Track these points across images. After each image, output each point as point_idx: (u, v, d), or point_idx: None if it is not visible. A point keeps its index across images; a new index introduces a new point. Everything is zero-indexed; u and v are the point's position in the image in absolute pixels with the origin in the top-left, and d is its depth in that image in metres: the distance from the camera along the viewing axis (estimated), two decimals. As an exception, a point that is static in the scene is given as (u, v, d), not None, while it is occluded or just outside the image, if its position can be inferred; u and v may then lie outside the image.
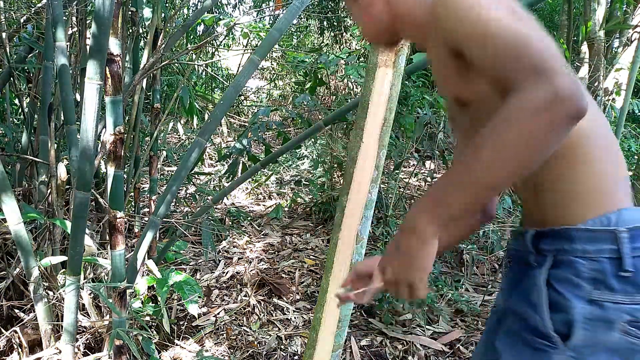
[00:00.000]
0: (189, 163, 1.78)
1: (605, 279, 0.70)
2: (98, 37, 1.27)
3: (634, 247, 0.69)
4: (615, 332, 0.70)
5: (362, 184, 1.18)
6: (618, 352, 0.71)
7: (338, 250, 1.20)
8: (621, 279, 0.69)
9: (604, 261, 0.70)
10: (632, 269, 0.68)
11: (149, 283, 1.81)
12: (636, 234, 0.70)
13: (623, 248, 0.69)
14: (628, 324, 0.69)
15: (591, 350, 0.71)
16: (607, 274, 0.70)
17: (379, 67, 1.17)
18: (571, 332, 0.71)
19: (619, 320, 0.69)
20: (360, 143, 1.17)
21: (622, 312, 0.69)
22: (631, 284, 0.69)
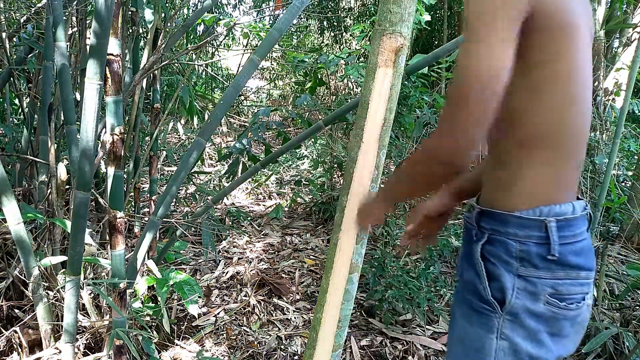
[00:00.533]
0: (189, 163, 1.78)
1: (530, 258, 0.83)
2: (98, 37, 1.27)
3: (560, 235, 0.83)
4: (540, 302, 0.83)
5: (362, 184, 1.18)
6: (543, 319, 0.84)
7: (338, 250, 1.20)
8: (545, 260, 0.83)
9: (531, 245, 0.83)
10: (557, 255, 0.82)
11: (149, 283, 1.81)
12: (562, 224, 0.83)
13: (552, 236, 0.82)
14: (550, 295, 0.83)
15: (522, 316, 0.84)
16: (533, 255, 0.83)
17: (379, 67, 1.17)
18: (505, 299, 0.85)
19: (542, 293, 0.83)
20: (360, 143, 1.17)
21: (546, 285, 0.83)
22: (555, 264, 0.83)
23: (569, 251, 0.83)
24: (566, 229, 0.83)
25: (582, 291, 0.86)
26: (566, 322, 0.86)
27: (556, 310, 0.84)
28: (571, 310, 0.85)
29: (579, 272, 0.84)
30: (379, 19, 1.15)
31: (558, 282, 0.83)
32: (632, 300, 2.52)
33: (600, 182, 3.36)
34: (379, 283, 2.35)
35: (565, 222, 0.83)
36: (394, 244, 2.79)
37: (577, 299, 0.85)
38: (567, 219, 0.83)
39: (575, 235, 0.84)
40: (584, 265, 0.85)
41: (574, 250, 0.84)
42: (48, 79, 1.96)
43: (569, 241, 0.84)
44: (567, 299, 0.84)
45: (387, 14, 1.13)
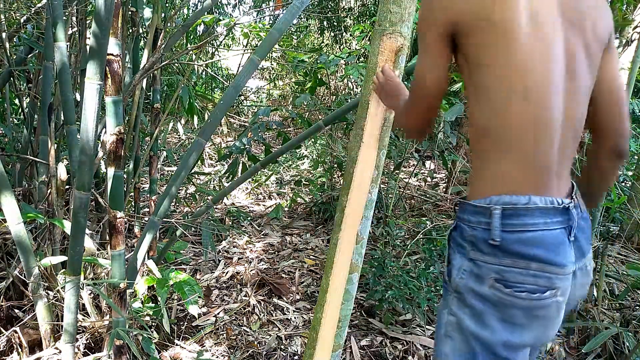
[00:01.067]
0: (189, 163, 1.78)
1: (477, 243, 0.90)
2: (98, 37, 1.27)
3: (504, 222, 0.87)
4: (485, 285, 0.89)
5: (362, 184, 1.18)
6: (490, 302, 0.89)
7: (338, 250, 1.20)
8: (490, 245, 0.88)
9: (479, 230, 0.90)
10: (499, 239, 0.87)
11: (149, 283, 1.81)
12: (510, 213, 0.87)
13: (494, 222, 0.87)
14: (495, 280, 0.88)
15: (467, 295, 0.91)
16: (479, 239, 0.89)
17: (379, 67, 1.17)
18: (452, 278, 0.94)
19: (487, 276, 0.88)
20: (360, 143, 1.17)
21: (491, 270, 0.88)
22: (500, 250, 0.87)
23: (515, 239, 0.87)
24: (514, 217, 0.87)
25: (537, 283, 0.87)
26: (517, 310, 0.88)
27: (501, 296, 0.88)
28: (521, 300, 0.87)
29: (528, 263, 0.86)
30: (379, 19, 1.15)
31: (504, 268, 0.87)
32: (632, 300, 2.52)
33: (600, 182, 3.35)
34: (379, 283, 2.35)
35: (513, 211, 0.87)
36: (394, 244, 2.79)
37: (529, 289, 0.87)
38: (515, 208, 0.87)
39: (525, 225, 0.87)
40: (538, 255, 0.86)
41: (520, 239, 0.86)
42: (48, 79, 1.96)
43: (515, 229, 0.87)
44: (513, 287, 0.87)
45: (387, 14, 1.13)
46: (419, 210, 3.90)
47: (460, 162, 3.87)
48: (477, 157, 0.94)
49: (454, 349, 0.95)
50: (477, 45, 0.87)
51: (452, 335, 0.95)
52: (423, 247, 2.56)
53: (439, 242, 2.60)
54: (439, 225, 2.86)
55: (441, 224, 2.91)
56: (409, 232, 3.22)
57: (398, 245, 2.86)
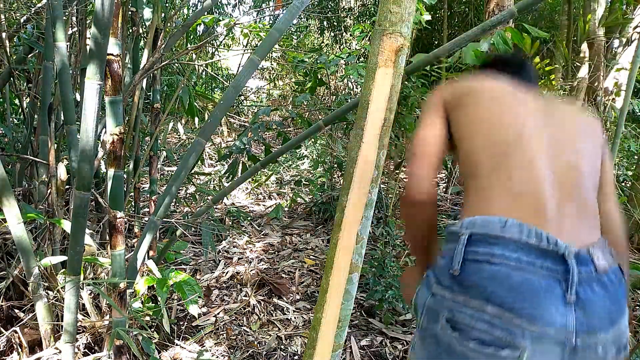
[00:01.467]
0: (189, 163, 1.78)
1: (441, 275, 0.78)
2: (98, 37, 1.27)
3: (469, 250, 0.74)
4: (438, 324, 0.76)
5: (362, 184, 1.18)
6: (441, 344, 0.75)
7: (338, 250, 1.20)
8: (451, 276, 0.75)
9: (446, 259, 0.78)
10: (458, 269, 0.74)
11: (149, 283, 1.81)
12: (476, 238, 0.74)
13: (457, 247, 0.75)
14: (446, 320, 0.74)
15: (427, 334, 0.79)
16: (443, 270, 0.78)
17: (379, 67, 1.17)
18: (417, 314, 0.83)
19: (441, 313, 0.76)
20: (360, 143, 1.17)
21: (444, 307, 0.75)
22: (458, 284, 0.74)
23: (475, 271, 0.73)
24: (481, 244, 0.74)
25: (492, 333, 0.70)
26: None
27: (450, 340, 0.74)
28: (470, 350, 0.71)
29: (483, 303, 0.70)
30: (379, 19, 1.15)
31: (456, 305, 0.74)
32: (632, 300, 2.52)
33: (600, 182, 3.35)
34: (379, 283, 2.35)
35: (482, 237, 0.74)
36: (394, 244, 2.79)
37: (479, 338, 0.71)
38: (484, 234, 0.74)
39: (491, 255, 0.72)
40: (496, 297, 0.70)
41: (481, 271, 0.72)
42: (48, 79, 1.96)
43: (477, 257, 0.73)
44: (462, 330, 0.72)
45: (387, 14, 1.13)
46: (419, 210, 3.89)
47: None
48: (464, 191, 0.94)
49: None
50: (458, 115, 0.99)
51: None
52: (423, 247, 2.55)
53: (439, 243, 2.60)
54: (438, 225, 2.86)
55: (441, 224, 2.91)
56: (409, 232, 3.22)
57: (398, 245, 2.85)
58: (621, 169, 4.15)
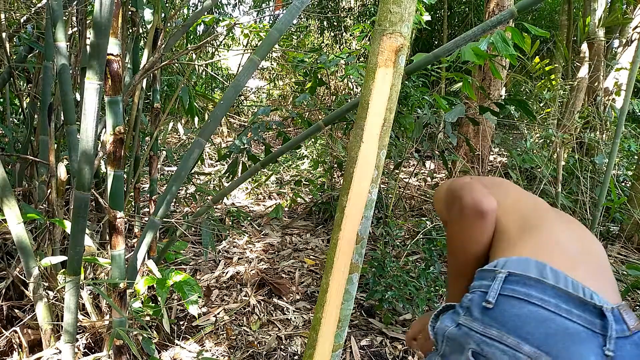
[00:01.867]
0: (189, 163, 1.78)
1: (472, 306, 0.77)
2: (98, 37, 1.27)
3: (506, 287, 0.75)
4: (463, 356, 0.75)
5: (362, 184, 1.18)
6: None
7: (338, 250, 1.20)
8: (484, 309, 0.75)
9: (478, 293, 0.78)
10: (493, 302, 0.74)
11: (149, 283, 1.81)
12: (513, 278, 0.75)
13: (494, 284, 0.75)
14: (472, 353, 0.73)
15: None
16: (475, 303, 0.77)
17: (379, 67, 1.17)
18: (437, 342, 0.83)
19: (467, 346, 0.74)
20: (360, 143, 1.17)
21: (472, 339, 0.74)
22: (489, 317, 0.73)
23: (513, 308, 0.72)
24: (519, 284, 0.74)
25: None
26: None
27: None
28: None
29: (520, 344, 0.69)
30: (379, 19, 1.15)
31: (486, 340, 0.72)
32: (632, 300, 2.52)
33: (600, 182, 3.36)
34: (379, 283, 2.35)
35: (521, 277, 0.74)
36: (394, 244, 2.79)
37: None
38: (522, 275, 0.74)
39: (529, 296, 0.72)
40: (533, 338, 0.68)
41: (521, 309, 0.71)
42: (48, 79, 1.96)
43: (517, 296, 0.73)
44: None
45: (387, 14, 1.13)
46: (419, 210, 3.90)
47: (460, 162, 3.87)
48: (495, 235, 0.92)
49: None
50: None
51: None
52: (423, 247, 2.56)
53: (439, 242, 2.60)
54: (439, 225, 2.86)
55: (441, 224, 2.91)
56: (409, 232, 3.23)
57: (398, 245, 2.86)
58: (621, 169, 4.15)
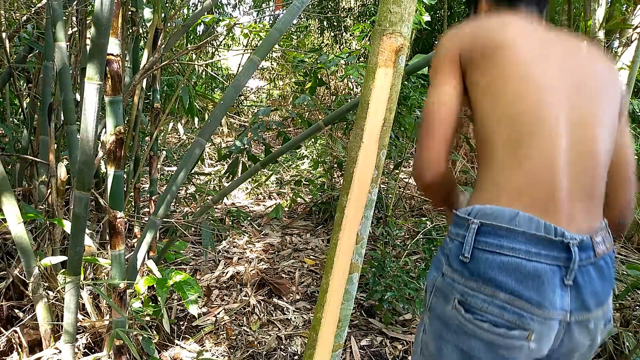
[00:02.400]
0: (189, 163, 1.78)
1: (451, 257, 0.83)
2: (98, 37, 1.27)
3: (479, 239, 0.79)
4: (449, 305, 0.81)
5: (362, 184, 1.18)
6: (450, 327, 0.82)
7: (338, 250, 1.20)
8: (461, 262, 0.80)
9: (456, 243, 0.83)
10: (468, 257, 0.79)
11: (149, 283, 1.81)
12: (485, 229, 0.79)
13: (467, 235, 0.80)
14: (458, 302, 0.80)
15: (435, 315, 0.85)
16: (453, 254, 0.82)
17: (379, 67, 1.17)
18: (427, 294, 0.88)
19: (452, 296, 0.81)
20: (360, 143, 1.17)
21: (456, 290, 0.81)
22: (468, 270, 0.79)
23: (487, 261, 0.78)
24: (490, 235, 0.78)
25: (502, 317, 0.77)
26: (478, 342, 0.79)
27: (462, 321, 0.80)
28: (483, 331, 0.78)
29: (496, 291, 0.77)
30: (379, 19, 1.15)
31: (468, 291, 0.79)
32: (632, 300, 2.52)
33: (600, 182, 3.35)
34: (379, 283, 2.35)
35: (492, 228, 0.78)
36: (394, 244, 2.79)
37: (491, 321, 0.77)
38: (495, 225, 0.78)
39: (501, 247, 0.77)
40: (508, 285, 0.76)
41: (494, 262, 0.77)
42: (48, 79, 1.96)
43: (489, 249, 0.78)
44: (475, 313, 0.78)
45: (387, 14, 1.13)
46: (419, 210, 3.90)
47: (460, 162, 3.87)
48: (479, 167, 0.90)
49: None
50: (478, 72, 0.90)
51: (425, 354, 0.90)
52: (423, 247, 2.56)
53: (439, 242, 2.60)
54: (439, 225, 2.86)
55: (441, 224, 2.91)
56: (409, 232, 3.22)
57: (398, 245, 2.85)
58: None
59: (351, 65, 3.06)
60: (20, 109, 2.78)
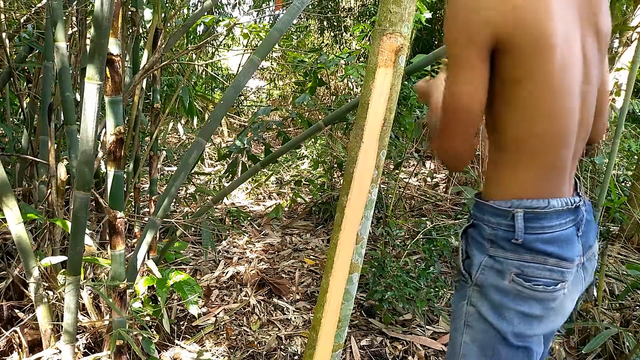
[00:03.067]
0: (189, 163, 1.78)
1: (498, 241, 0.96)
2: (98, 37, 1.27)
3: (527, 225, 0.93)
4: (506, 279, 0.95)
5: (362, 184, 1.18)
6: (509, 294, 0.96)
7: (338, 250, 1.20)
8: (512, 243, 0.94)
9: (500, 230, 0.96)
10: (521, 239, 0.94)
11: (149, 283, 1.81)
12: (530, 217, 0.93)
13: (517, 224, 0.93)
14: (516, 275, 0.94)
15: (488, 289, 0.98)
16: (500, 238, 0.96)
17: (379, 67, 1.17)
18: (472, 273, 1.00)
19: (508, 271, 0.95)
20: (360, 143, 1.17)
21: (512, 265, 0.95)
22: (522, 247, 0.94)
23: (536, 239, 0.94)
24: (534, 221, 0.93)
25: (552, 277, 0.94)
26: (534, 302, 0.95)
27: (521, 289, 0.95)
28: (538, 292, 0.94)
29: (546, 258, 0.94)
30: (379, 19, 1.15)
31: (524, 264, 0.94)
32: (632, 300, 2.52)
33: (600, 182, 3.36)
34: (379, 283, 2.35)
35: (534, 215, 0.93)
36: (394, 244, 2.79)
37: (546, 283, 0.94)
38: (536, 212, 0.93)
39: (543, 228, 0.94)
40: (554, 252, 0.93)
41: (541, 239, 0.94)
42: (48, 79, 1.96)
43: (536, 232, 0.94)
44: (533, 281, 0.94)
45: (387, 14, 1.13)
46: (419, 210, 3.90)
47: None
48: (495, 160, 0.98)
49: (473, 338, 1.02)
50: (514, 60, 0.85)
51: (473, 324, 1.01)
52: (423, 247, 2.56)
53: (439, 242, 2.60)
54: (439, 225, 2.86)
55: (441, 224, 2.91)
56: (409, 232, 3.22)
57: (398, 245, 2.86)
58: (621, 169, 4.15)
59: (351, 65, 3.06)
60: (20, 109, 2.77)
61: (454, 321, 1.07)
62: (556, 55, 0.85)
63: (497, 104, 0.92)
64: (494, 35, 0.84)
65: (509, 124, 0.92)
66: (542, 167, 0.94)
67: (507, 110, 0.91)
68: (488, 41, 0.84)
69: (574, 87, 0.90)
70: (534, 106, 0.88)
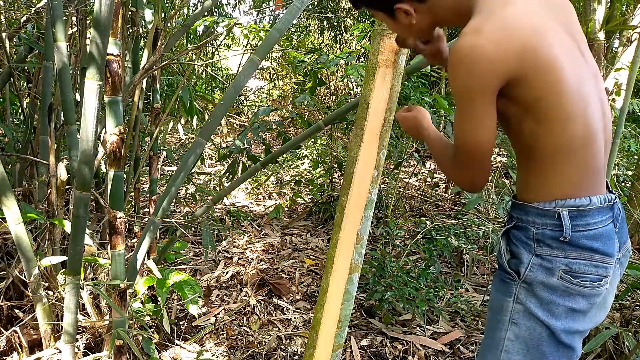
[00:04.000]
0: (189, 163, 1.78)
1: (545, 240, 1.00)
2: (98, 37, 1.27)
3: (573, 224, 0.98)
4: (555, 277, 0.99)
5: (362, 184, 1.18)
6: (557, 291, 1.00)
7: (338, 250, 1.21)
8: (560, 242, 0.99)
9: (547, 230, 1.00)
10: (568, 236, 0.98)
11: (149, 283, 1.80)
12: (575, 215, 0.98)
13: (564, 223, 0.98)
14: (564, 272, 0.99)
15: (536, 287, 1.01)
16: (547, 237, 1.00)
17: (379, 67, 1.17)
18: (520, 272, 1.03)
19: (557, 269, 0.99)
20: (360, 143, 1.18)
21: (560, 262, 0.99)
22: (568, 245, 0.99)
23: (582, 236, 0.98)
24: (579, 219, 0.98)
25: (597, 273, 0.99)
26: (581, 298, 1.00)
27: (569, 286, 0.99)
28: (586, 288, 0.99)
29: (592, 254, 0.98)
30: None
31: (571, 261, 0.98)
32: (632, 300, 2.52)
33: (600, 182, 3.35)
34: (379, 283, 2.35)
35: (578, 213, 0.98)
36: (394, 244, 2.79)
37: (592, 279, 0.98)
38: (580, 210, 0.98)
39: (588, 224, 0.99)
40: (599, 248, 0.98)
41: (586, 235, 0.98)
42: (48, 79, 1.96)
43: (581, 229, 0.98)
44: (580, 277, 0.98)
45: (387, 14, 1.13)
46: (419, 210, 3.90)
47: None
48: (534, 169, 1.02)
49: (517, 335, 1.04)
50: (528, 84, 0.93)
51: (519, 321, 1.04)
52: (423, 247, 2.56)
53: (439, 242, 2.60)
54: (439, 225, 2.86)
55: (441, 224, 2.91)
56: (409, 232, 3.22)
57: (398, 245, 2.86)
58: (621, 169, 4.15)
59: (351, 65, 3.06)
60: (20, 109, 2.78)
61: (495, 316, 1.09)
62: (562, 64, 0.93)
63: (526, 123, 0.97)
64: (506, 79, 0.92)
65: (541, 136, 0.98)
66: (579, 167, 0.99)
67: (538, 125, 0.97)
68: (500, 85, 0.93)
69: (585, 88, 0.97)
70: (559, 114, 0.94)
